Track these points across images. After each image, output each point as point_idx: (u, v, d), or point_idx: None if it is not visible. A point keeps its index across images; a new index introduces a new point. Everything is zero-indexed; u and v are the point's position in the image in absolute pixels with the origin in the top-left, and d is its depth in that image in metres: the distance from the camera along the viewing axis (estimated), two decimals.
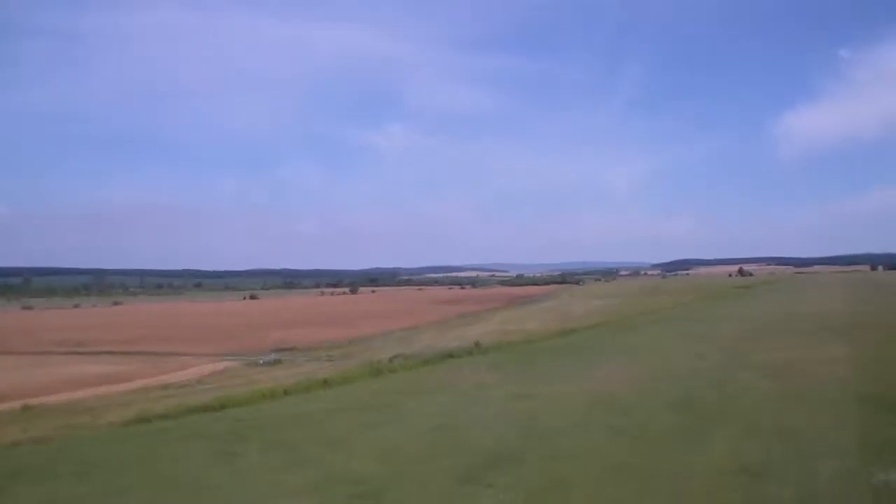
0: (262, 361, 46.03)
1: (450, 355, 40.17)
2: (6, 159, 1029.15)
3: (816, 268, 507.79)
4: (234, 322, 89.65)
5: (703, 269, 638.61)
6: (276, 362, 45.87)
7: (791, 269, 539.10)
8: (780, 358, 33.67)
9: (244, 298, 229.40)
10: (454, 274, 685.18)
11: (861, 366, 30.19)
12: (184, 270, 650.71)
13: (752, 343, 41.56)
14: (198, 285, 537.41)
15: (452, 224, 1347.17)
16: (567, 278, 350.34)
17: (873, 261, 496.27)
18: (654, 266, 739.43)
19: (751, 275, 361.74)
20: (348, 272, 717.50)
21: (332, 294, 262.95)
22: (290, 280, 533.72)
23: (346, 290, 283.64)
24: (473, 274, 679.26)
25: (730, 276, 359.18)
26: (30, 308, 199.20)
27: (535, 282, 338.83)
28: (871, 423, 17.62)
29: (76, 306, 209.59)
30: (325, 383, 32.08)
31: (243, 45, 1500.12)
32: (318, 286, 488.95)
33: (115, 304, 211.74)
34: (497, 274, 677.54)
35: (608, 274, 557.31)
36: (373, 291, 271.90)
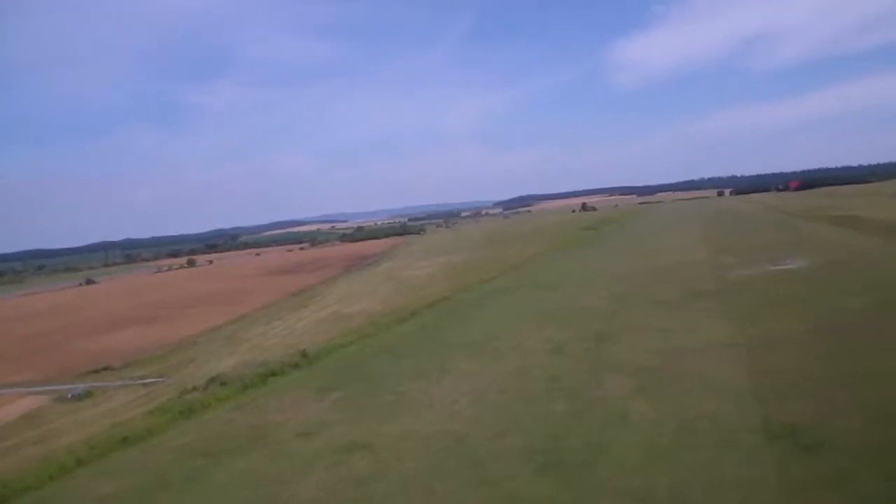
0: (70, 395, 40.39)
1: (272, 373, 36.49)
2: None
3: (661, 195, 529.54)
4: (53, 326, 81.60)
5: (545, 204, 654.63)
6: (87, 395, 40.41)
7: (635, 198, 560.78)
8: (651, 348, 31.91)
9: (80, 284, 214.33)
10: (297, 229, 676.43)
11: (755, 355, 28.36)
12: (16, 253, 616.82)
13: (613, 322, 39.54)
14: (40, 268, 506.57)
15: (293, 177, 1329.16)
16: (408, 228, 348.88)
17: (717, 185, 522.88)
18: (496, 204, 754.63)
19: (594, 209, 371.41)
20: (190, 237, 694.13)
21: (168, 269, 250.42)
22: (130, 252, 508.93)
23: (185, 262, 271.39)
24: (315, 227, 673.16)
25: (573, 211, 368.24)
26: None
27: (374, 234, 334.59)
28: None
29: None
30: (125, 441, 27.78)
31: (65, 8, 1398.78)
32: (157, 257, 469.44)
33: None
34: (338, 226, 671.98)
35: (450, 217, 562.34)
36: (210, 262, 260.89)
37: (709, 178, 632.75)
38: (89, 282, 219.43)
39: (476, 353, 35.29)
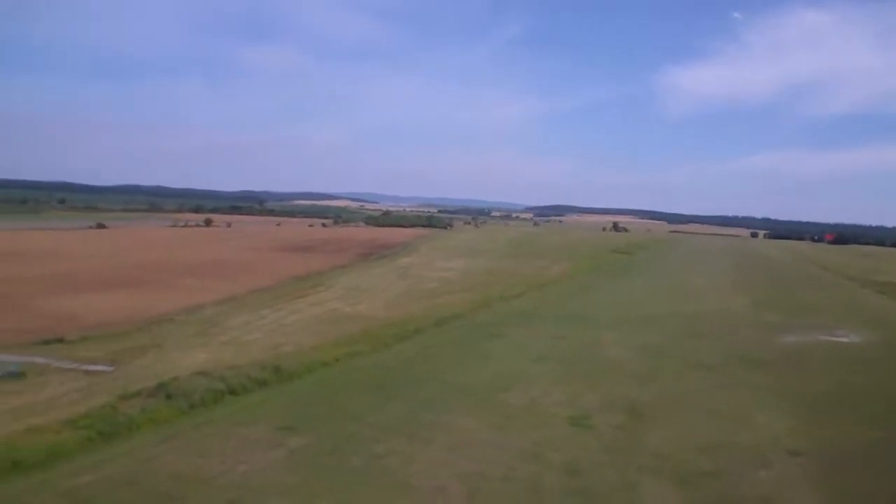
0: (1, 373, 34.33)
1: (232, 390, 29.97)
2: None
3: (692, 226, 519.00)
4: (29, 274, 75.19)
5: (575, 217, 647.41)
6: (19, 376, 34.18)
7: (665, 224, 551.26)
8: (699, 442, 25.41)
9: (89, 227, 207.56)
10: (325, 202, 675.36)
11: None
12: (47, 182, 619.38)
13: (649, 389, 33.23)
14: (62, 201, 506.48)
15: (329, 151, 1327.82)
16: (434, 221, 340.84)
17: (749, 225, 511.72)
18: (528, 209, 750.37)
19: (626, 230, 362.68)
20: (218, 193, 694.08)
21: (184, 225, 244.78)
22: (155, 200, 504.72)
23: (203, 220, 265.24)
24: (344, 203, 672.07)
25: (604, 229, 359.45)
26: None
27: (400, 222, 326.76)
28: None
29: None
30: (14, 468, 21.42)
31: None
32: (180, 209, 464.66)
33: None
34: (367, 206, 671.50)
35: (479, 215, 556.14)
36: (228, 225, 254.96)
37: (742, 217, 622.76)
38: (99, 226, 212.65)
39: (481, 408, 28.70)
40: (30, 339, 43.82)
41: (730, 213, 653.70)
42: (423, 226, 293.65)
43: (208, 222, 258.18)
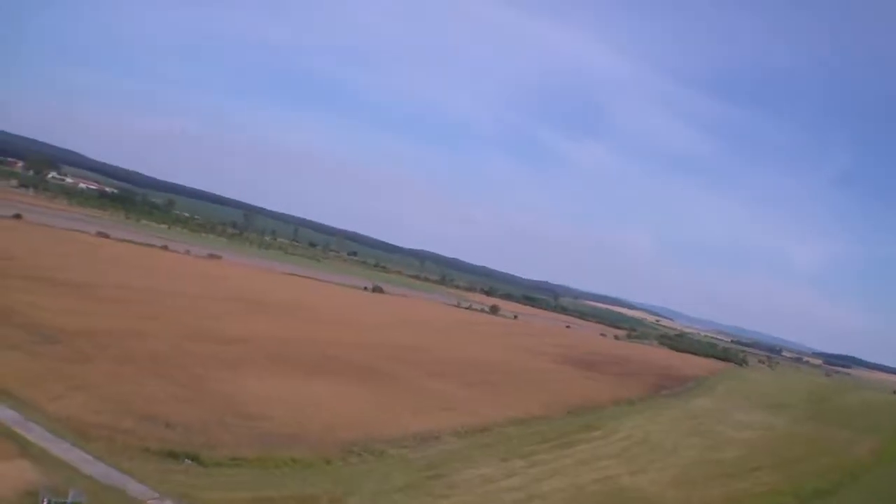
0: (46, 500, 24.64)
1: None
2: (205, 77, 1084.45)
3: None
4: (247, 332, 67.99)
5: (865, 373, 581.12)
6: None
7: None
8: None
9: (364, 288, 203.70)
10: (620, 309, 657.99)
11: None
12: (339, 230, 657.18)
13: None
14: (353, 253, 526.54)
15: (630, 254, 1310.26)
16: (730, 354, 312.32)
17: None
18: (816, 354, 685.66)
19: None
20: (514, 278, 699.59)
21: (467, 307, 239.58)
22: (448, 272, 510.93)
23: (489, 306, 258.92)
24: (640, 315, 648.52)
25: None
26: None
27: (695, 348, 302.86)
28: None
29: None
30: None
31: (464, 25, 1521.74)
32: (471, 288, 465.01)
33: (288, 273, 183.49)
34: (661, 321, 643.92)
35: (772, 353, 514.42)
36: (515, 316, 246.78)
37: None
38: (375, 289, 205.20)
39: None
40: (159, 444, 33.52)
41: None
42: (719, 357, 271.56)
43: (494, 309, 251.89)
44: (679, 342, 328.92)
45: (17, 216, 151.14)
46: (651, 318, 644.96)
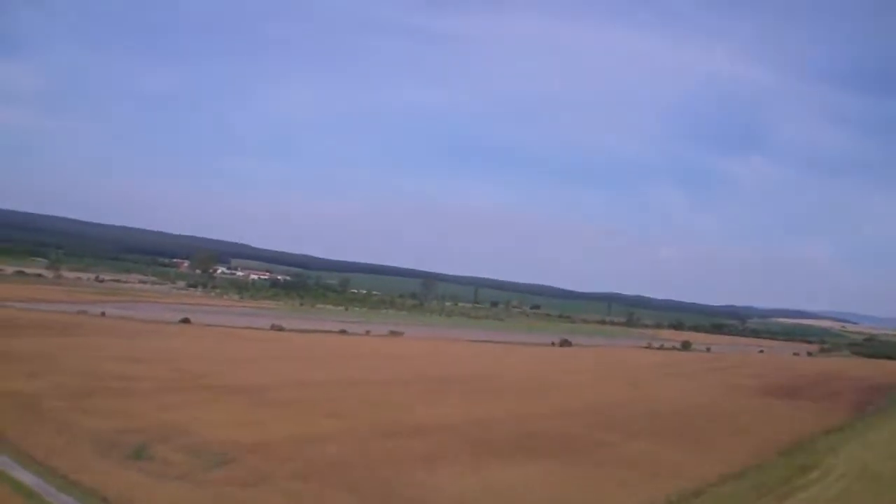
0: None
1: None
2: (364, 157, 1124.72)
3: None
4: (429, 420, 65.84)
5: None
6: None
7: None
8: None
9: (552, 343, 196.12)
10: (803, 321, 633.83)
11: None
12: (520, 285, 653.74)
13: None
14: (535, 307, 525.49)
15: (807, 265, 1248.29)
16: None
17: None
18: None
19: None
20: (700, 307, 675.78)
21: (659, 347, 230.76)
22: (634, 312, 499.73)
23: (680, 343, 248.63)
24: (825, 324, 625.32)
25: None
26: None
27: (887, 350, 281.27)
28: None
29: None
30: None
31: (612, 60, 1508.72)
32: (658, 325, 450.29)
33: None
34: (847, 326, 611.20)
35: None
36: (707, 349, 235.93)
37: None
38: (563, 342, 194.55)
39: None
40: None
41: None
42: None
43: (685, 345, 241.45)
44: (870, 347, 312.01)
45: (185, 320, 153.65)
46: (837, 325, 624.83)
